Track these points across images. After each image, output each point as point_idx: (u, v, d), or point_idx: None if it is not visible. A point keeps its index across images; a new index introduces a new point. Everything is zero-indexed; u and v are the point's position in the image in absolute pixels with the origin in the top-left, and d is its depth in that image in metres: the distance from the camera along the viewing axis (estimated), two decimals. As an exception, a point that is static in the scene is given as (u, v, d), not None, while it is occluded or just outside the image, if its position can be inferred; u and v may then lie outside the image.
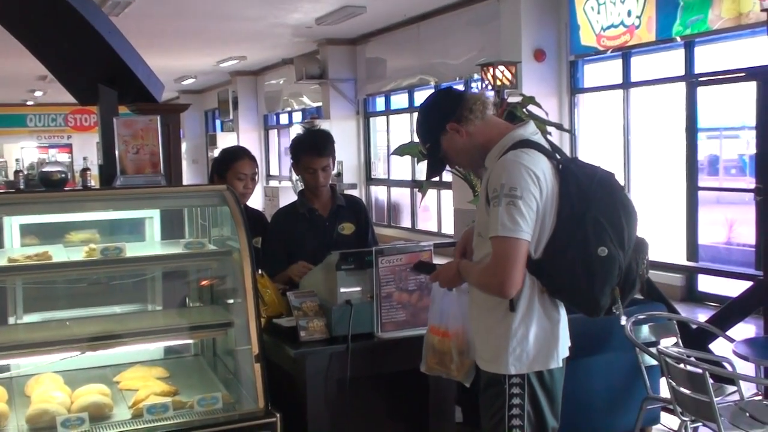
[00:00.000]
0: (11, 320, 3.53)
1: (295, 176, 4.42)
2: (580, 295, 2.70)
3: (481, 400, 2.87)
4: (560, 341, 2.81)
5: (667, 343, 4.36)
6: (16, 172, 11.21)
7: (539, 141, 2.79)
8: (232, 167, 4.23)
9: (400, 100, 14.34)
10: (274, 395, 3.16)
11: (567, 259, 2.66)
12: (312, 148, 4.14)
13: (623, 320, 2.85)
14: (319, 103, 15.99)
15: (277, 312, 3.57)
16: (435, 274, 3.00)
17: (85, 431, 2.92)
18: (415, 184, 13.19)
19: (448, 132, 2.84)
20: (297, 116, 18.42)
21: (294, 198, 4.51)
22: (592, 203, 2.66)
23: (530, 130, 2.81)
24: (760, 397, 4.41)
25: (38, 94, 22.20)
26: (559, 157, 2.80)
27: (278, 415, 3.09)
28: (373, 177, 15.37)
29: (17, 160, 18.48)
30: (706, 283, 8.68)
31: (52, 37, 5.40)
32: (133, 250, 3.38)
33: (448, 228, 12.38)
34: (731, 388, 4.11)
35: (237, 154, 4.35)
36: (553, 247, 2.69)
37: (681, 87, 8.80)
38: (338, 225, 4.22)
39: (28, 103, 25.07)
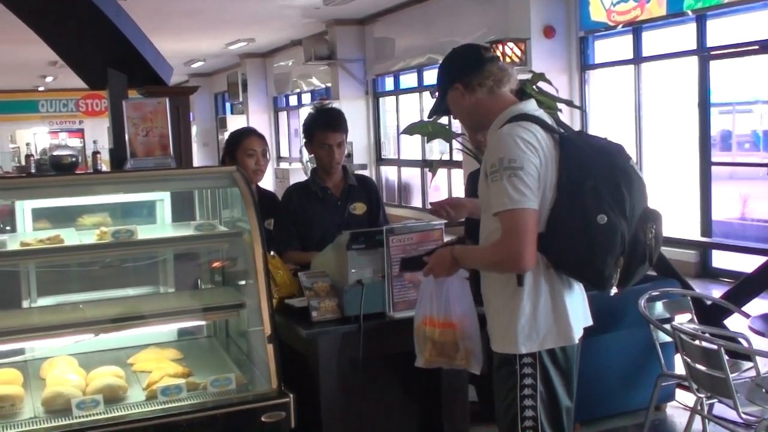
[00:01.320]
0: (25, 304, 3.55)
1: (306, 157, 4.42)
2: (584, 267, 2.65)
3: (494, 381, 2.85)
4: (571, 318, 2.75)
5: (682, 320, 4.35)
6: (27, 157, 11.22)
7: (539, 115, 2.76)
8: (240, 145, 4.23)
9: (409, 80, 14.27)
10: (287, 376, 3.16)
11: (567, 230, 2.62)
12: (327, 124, 4.13)
13: (613, 291, 2.77)
14: (329, 84, 15.95)
15: (288, 293, 3.57)
16: (428, 268, 2.91)
17: (99, 413, 2.94)
18: (425, 164, 13.15)
19: (455, 89, 2.86)
20: (306, 98, 18.38)
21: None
22: (590, 172, 2.62)
23: (531, 107, 2.79)
24: (775, 372, 4.39)
25: (49, 79, 22.22)
26: (562, 130, 2.77)
27: (291, 395, 3.10)
28: (383, 157, 15.34)
29: (28, 144, 18.49)
30: (721, 259, 8.64)
31: (61, 22, 5.40)
32: (144, 232, 3.39)
33: (460, 207, 12.32)
34: (747, 364, 4.09)
35: (245, 131, 4.38)
36: (553, 219, 2.65)
37: (693, 61, 8.72)
38: (350, 205, 4.21)
39: (40, 88, 25.11)
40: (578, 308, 2.83)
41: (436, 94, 3.01)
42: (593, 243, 2.59)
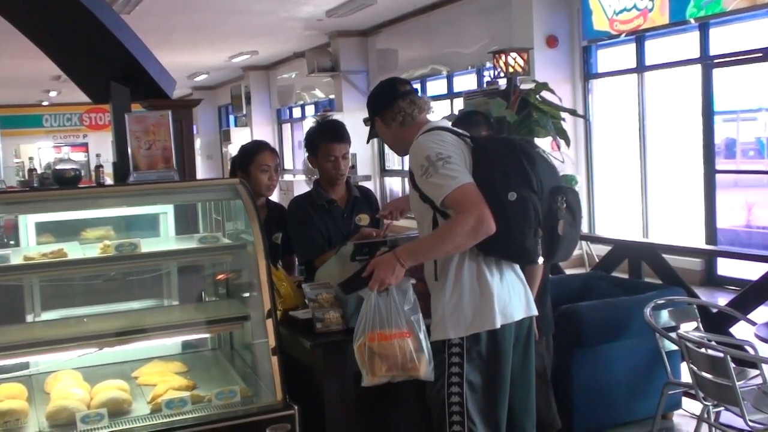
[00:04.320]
0: (29, 318, 3.55)
1: (309, 173, 4.43)
2: (506, 243, 2.86)
3: None
4: (497, 304, 2.91)
5: (688, 328, 4.33)
6: (30, 171, 11.25)
7: (448, 127, 3.09)
8: (255, 160, 4.23)
9: (412, 91, 14.27)
10: (292, 388, 3.16)
11: None
12: (330, 135, 4.13)
13: (540, 260, 3.04)
14: (332, 96, 15.97)
15: (293, 304, 3.56)
16: (375, 280, 2.95)
17: (104, 427, 2.94)
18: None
19: (376, 121, 3.26)
20: (310, 109, 18.40)
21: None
22: (497, 160, 2.91)
23: (441, 123, 3.15)
24: (782, 380, 4.37)
25: (53, 94, 22.30)
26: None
27: (296, 407, 3.10)
28: (387, 168, 15.34)
29: (31, 158, 18.55)
30: (726, 267, 8.61)
31: (64, 37, 5.41)
32: (147, 245, 3.39)
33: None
34: (753, 372, 4.07)
35: (259, 146, 4.37)
36: None
37: (696, 69, 8.71)
38: (355, 216, 4.21)
39: (44, 103, 25.19)
40: (510, 294, 2.98)
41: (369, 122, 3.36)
42: (508, 218, 2.83)
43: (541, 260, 3.02)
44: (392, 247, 3.19)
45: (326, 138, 4.12)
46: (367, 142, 3.59)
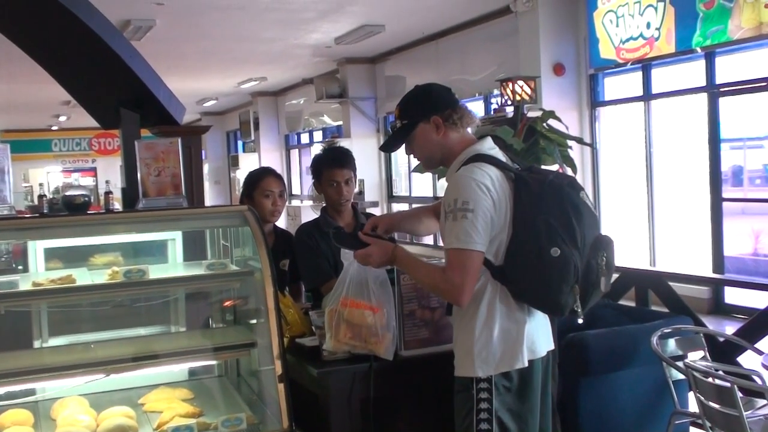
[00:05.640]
0: (36, 344, 3.55)
1: (316, 200, 4.41)
2: (540, 296, 2.82)
3: (454, 405, 2.95)
4: (525, 342, 2.86)
5: (695, 357, 4.31)
6: (40, 197, 11.32)
7: (495, 155, 2.92)
8: (258, 186, 4.28)
9: (420, 117, 14.32)
10: (298, 415, 3.15)
11: (523, 263, 2.78)
12: (334, 161, 4.18)
13: (580, 321, 2.87)
14: (340, 122, 16.04)
15: (299, 331, 3.56)
16: (365, 253, 2.99)
17: (110, 454, 2.93)
18: (436, 201, 13.14)
19: (430, 122, 2.96)
20: (318, 135, 18.47)
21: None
22: (542, 207, 2.78)
23: (487, 146, 2.95)
24: (790, 411, 4.34)
25: (62, 119, 22.45)
26: (516, 166, 2.93)
27: (302, 435, 3.09)
28: (394, 194, 15.37)
29: (41, 184, 18.67)
30: (733, 295, 8.58)
31: (74, 63, 5.47)
32: (156, 272, 3.40)
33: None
34: (761, 402, 4.05)
35: (262, 172, 4.43)
36: (511, 252, 2.82)
37: (702, 98, 8.75)
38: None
39: (53, 128, 25.36)
40: (537, 331, 2.94)
41: (397, 126, 3.06)
42: (548, 275, 2.75)
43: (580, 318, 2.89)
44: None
45: (329, 164, 4.16)
46: (388, 150, 3.23)
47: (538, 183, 2.83)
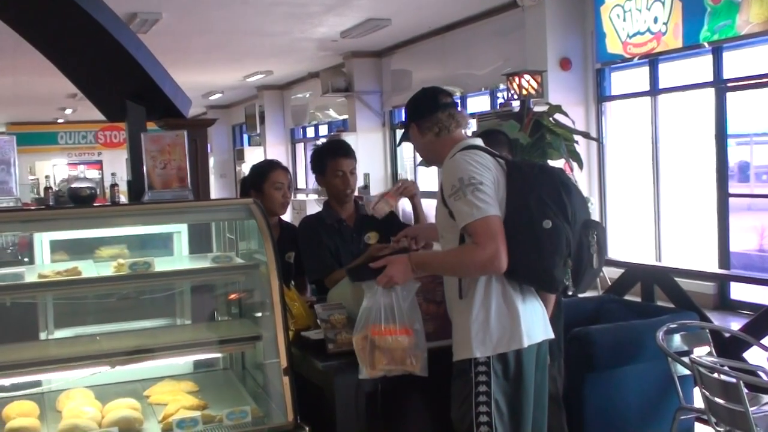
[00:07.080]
0: (42, 336, 3.56)
1: (321, 193, 4.45)
2: (535, 270, 2.87)
3: (451, 390, 3.01)
4: (523, 324, 2.93)
5: (700, 353, 4.30)
6: (46, 189, 11.32)
7: (485, 147, 3.06)
8: (268, 178, 4.30)
9: (426, 112, 14.30)
10: (303, 408, 3.15)
11: (517, 238, 2.84)
12: (338, 151, 4.20)
13: (571, 292, 2.97)
14: (346, 116, 16.03)
15: (305, 325, 3.57)
16: (385, 276, 3.00)
17: (115, 446, 2.94)
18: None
19: (412, 128, 3.18)
20: (323, 129, 18.45)
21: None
22: (534, 186, 2.89)
23: (478, 141, 3.10)
24: (796, 407, 4.33)
25: (68, 111, 22.47)
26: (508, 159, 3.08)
27: (307, 428, 3.09)
28: (400, 189, 15.35)
29: (47, 176, 18.69)
30: (739, 291, 8.56)
31: (81, 56, 5.47)
32: (161, 264, 3.40)
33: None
34: (766, 398, 4.04)
35: (271, 164, 4.45)
36: (505, 230, 2.86)
37: (710, 93, 8.72)
38: (364, 234, 4.22)
39: (59, 120, 25.37)
40: (532, 316, 3.00)
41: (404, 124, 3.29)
42: (541, 246, 2.83)
43: (570, 292, 2.99)
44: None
45: (334, 154, 4.18)
46: (398, 145, 3.60)
47: (529, 167, 3.00)
